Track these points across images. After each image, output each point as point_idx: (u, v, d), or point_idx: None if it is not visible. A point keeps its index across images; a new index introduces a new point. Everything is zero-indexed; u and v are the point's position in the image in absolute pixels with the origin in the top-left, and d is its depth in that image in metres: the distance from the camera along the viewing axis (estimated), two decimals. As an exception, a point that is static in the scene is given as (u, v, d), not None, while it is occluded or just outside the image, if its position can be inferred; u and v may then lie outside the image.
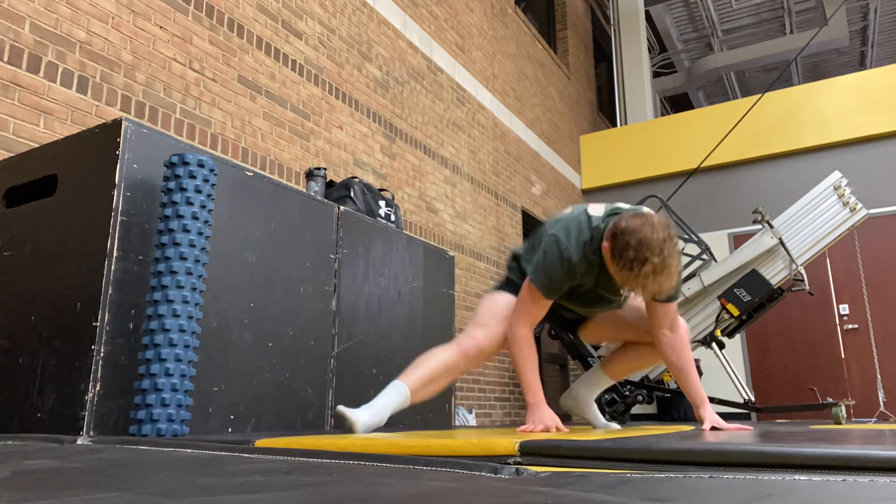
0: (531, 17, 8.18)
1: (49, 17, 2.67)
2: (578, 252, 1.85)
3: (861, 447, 0.91)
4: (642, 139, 8.08)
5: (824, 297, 6.90)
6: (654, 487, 0.67)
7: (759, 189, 7.36)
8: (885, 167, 6.84)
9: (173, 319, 1.65)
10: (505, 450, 1.12)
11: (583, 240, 1.85)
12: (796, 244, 4.66)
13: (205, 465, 0.89)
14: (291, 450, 1.03)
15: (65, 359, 1.69)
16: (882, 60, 11.56)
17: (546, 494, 0.62)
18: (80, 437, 1.35)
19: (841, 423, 3.49)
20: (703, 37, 11.17)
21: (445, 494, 0.63)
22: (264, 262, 2.14)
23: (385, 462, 0.91)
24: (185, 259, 1.70)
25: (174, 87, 3.15)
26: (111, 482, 0.72)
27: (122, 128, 1.78)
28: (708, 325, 4.68)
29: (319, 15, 4.19)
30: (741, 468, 0.90)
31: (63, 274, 1.78)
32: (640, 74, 9.15)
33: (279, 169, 3.68)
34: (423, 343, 2.86)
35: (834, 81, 7.29)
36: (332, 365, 2.37)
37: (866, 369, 6.55)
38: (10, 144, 2.46)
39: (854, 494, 0.61)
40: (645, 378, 4.75)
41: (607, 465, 1.00)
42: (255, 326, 2.07)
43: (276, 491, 0.65)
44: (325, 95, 4.12)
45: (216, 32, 3.43)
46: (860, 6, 10.21)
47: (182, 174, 1.75)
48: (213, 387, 1.91)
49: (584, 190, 8.35)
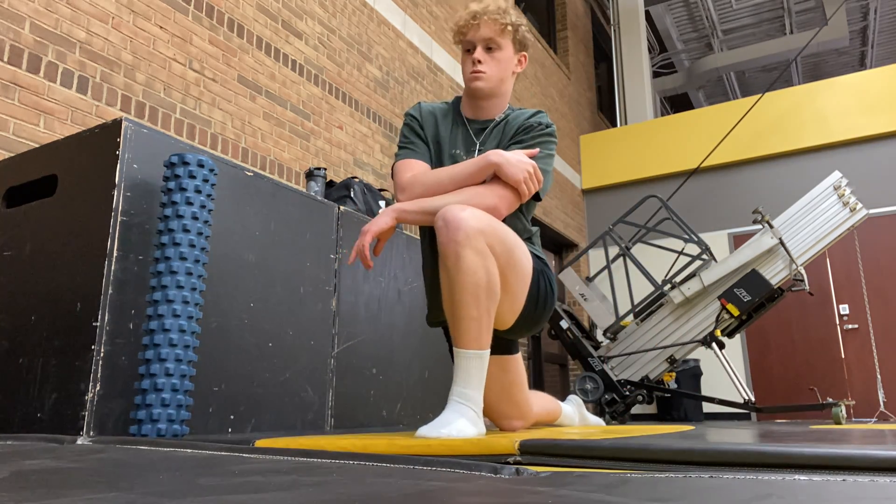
0: (531, 17, 8.18)
1: (49, 17, 2.67)
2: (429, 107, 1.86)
3: (861, 447, 0.91)
4: (642, 139, 8.08)
5: (824, 297, 6.90)
6: (654, 487, 0.67)
7: (759, 189, 7.36)
8: (885, 167, 6.84)
9: (173, 319, 1.65)
10: (505, 449, 1.12)
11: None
12: (796, 244, 4.66)
13: (205, 465, 0.89)
14: (291, 450, 1.03)
15: (65, 359, 1.69)
16: (882, 60, 11.56)
17: (546, 494, 0.62)
18: (80, 437, 1.35)
19: (841, 423, 3.49)
20: (703, 37, 11.17)
21: (445, 494, 0.63)
22: (264, 262, 2.14)
23: (385, 462, 0.91)
24: (185, 259, 1.70)
25: (174, 87, 3.15)
26: (111, 482, 0.72)
27: (122, 128, 1.78)
28: (708, 325, 4.68)
29: (319, 15, 4.19)
30: (741, 468, 0.90)
31: (63, 274, 1.78)
32: (640, 74, 9.15)
33: (279, 169, 3.68)
34: (423, 343, 2.86)
35: (834, 81, 7.29)
36: (332, 365, 2.37)
37: (866, 369, 6.55)
38: (10, 144, 2.46)
39: (854, 494, 0.61)
40: (645, 378, 4.75)
41: (607, 465, 1.00)
42: (255, 326, 2.07)
43: (276, 491, 0.65)
44: (325, 95, 4.12)
45: (216, 32, 3.43)
46: (860, 6, 10.21)
47: (182, 174, 1.75)
48: (213, 387, 1.91)
49: (585, 190, 8.35)
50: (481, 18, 1.72)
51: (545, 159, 1.71)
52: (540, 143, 1.71)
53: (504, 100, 1.80)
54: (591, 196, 8.37)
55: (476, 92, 1.76)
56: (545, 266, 1.79)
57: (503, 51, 1.74)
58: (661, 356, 4.76)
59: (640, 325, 4.87)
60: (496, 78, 1.74)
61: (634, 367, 4.81)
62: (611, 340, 4.94)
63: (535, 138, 1.71)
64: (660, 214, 7.37)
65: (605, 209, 8.22)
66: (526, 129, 1.73)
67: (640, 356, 4.81)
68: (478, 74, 1.73)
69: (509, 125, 1.76)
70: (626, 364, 4.85)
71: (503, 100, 1.80)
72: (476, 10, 1.73)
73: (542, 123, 1.74)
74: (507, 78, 1.77)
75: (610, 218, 8.05)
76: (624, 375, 4.81)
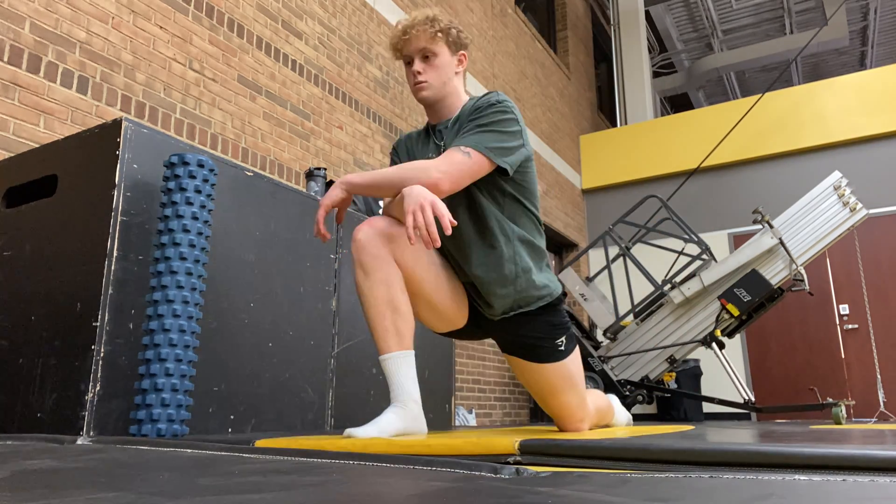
0: (531, 17, 8.18)
1: (49, 17, 2.67)
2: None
3: (861, 447, 0.91)
4: (642, 139, 8.08)
5: (824, 297, 6.90)
6: (654, 487, 0.67)
7: (759, 189, 7.36)
8: (885, 167, 6.84)
9: (173, 319, 1.65)
10: (505, 449, 1.12)
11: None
12: (796, 244, 4.67)
13: (205, 465, 0.89)
14: (291, 450, 1.03)
15: (65, 359, 1.69)
16: (882, 60, 11.56)
17: (546, 494, 0.62)
18: (80, 437, 1.35)
19: (841, 423, 3.49)
20: (703, 37, 11.17)
21: (445, 494, 0.63)
22: (264, 262, 2.14)
23: (385, 462, 0.91)
24: (185, 259, 1.70)
25: (174, 87, 3.15)
26: (111, 482, 0.72)
27: (122, 128, 1.78)
28: (708, 325, 4.68)
29: (319, 15, 4.19)
30: (741, 468, 0.90)
31: (63, 274, 1.78)
32: (640, 74, 9.15)
33: (279, 169, 3.68)
34: (423, 342, 2.86)
35: (834, 81, 7.29)
36: (332, 365, 2.37)
37: (866, 369, 6.55)
38: (10, 144, 2.46)
39: (854, 494, 0.61)
40: (645, 378, 4.75)
41: (607, 465, 1.00)
42: (255, 326, 2.07)
43: (276, 491, 0.65)
44: (325, 95, 4.12)
45: (216, 32, 3.43)
46: (860, 6, 10.21)
47: (182, 174, 1.75)
48: (213, 387, 1.91)
49: (585, 190, 8.35)
50: (411, 32, 1.80)
51: (495, 133, 1.71)
52: (490, 119, 1.72)
53: (456, 98, 1.86)
54: (591, 196, 8.37)
55: (424, 101, 1.85)
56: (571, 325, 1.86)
57: (440, 56, 1.82)
58: (661, 356, 4.76)
59: (640, 325, 4.87)
60: (438, 83, 1.82)
61: (634, 367, 4.82)
62: (611, 340, 4.94)
63: (484, 116, 1.73)
64: (660, 214, 7.37)
65: (605, 209, 8.22)
66: (475, 110, 1.77)
67: (640, 356, 4.81)
68: (420, 85, 1.81)
69: (463, 116, 1.81)
70: (626, 364, 4.85)
71: (455, 98, 1.86)
72: (405, 25, 1.82)
73: (490, 102, 1.76)
74: (449, 80, 1.84)
75: (610, 218, 8.05)
76: (624, 375, 4.81)
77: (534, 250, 1.83)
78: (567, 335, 1.87)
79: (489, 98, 1.77)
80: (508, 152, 1.71)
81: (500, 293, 1.80)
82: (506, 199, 1.79)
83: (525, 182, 1.80)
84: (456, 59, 1.86)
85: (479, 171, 1.66)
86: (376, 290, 1.65)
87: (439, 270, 1.81)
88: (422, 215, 1.48)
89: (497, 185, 1.77)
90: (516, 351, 1.88)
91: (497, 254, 1.77)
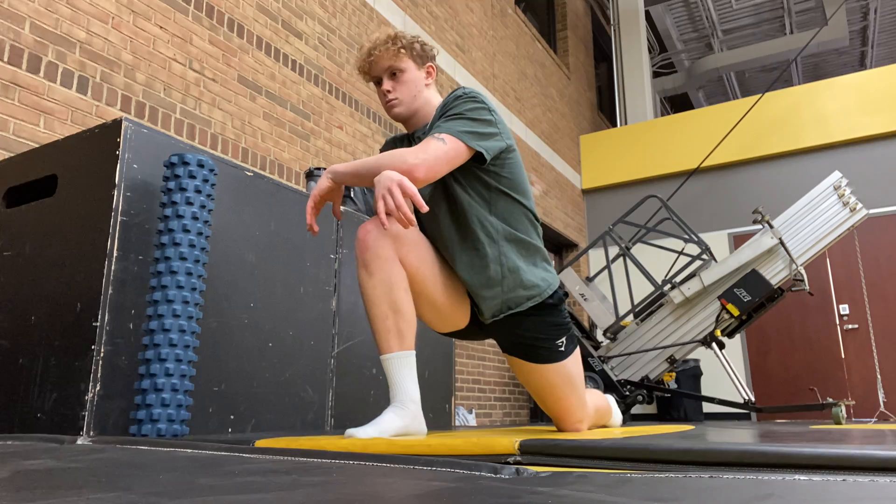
0: (531, 17, 8.18)
1: (49, 17, 2.67)
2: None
3: (861, 447, 0.91)
4: (642, 139, 8.08)
5: (824, 297, 6.90)
6: (654, 487, 0.67)
7: (759, 189, 7.36)
8: (885, 167, 6.84)
9: (173, 319, 1.65)
10: (505, 449, 1.12)
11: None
12: (796, 244, 4.67)
13: (205, 465, 0.89)
14: (291, 450, 1.03)
15: (65, 359, 1.69)
16: (882, 60, 11.56)
17: (546, 494, 0.62)
18: (80, 437, 1.35)
19: (841, 423, 3.49)
20: (703, 37, 11.17)
21: (445, 494, 0.63)
22: (264, 262, 2.14)
23: (385, 462, 0.91)
24: (185, 259, 1.70)
25: (174, 87, 3.15)
26: (111, 482, 0.72)
27: (122, 128, 1.78)
28: (708, 325, 4.68)
29: (319, 15, 4.19)
30: (741, 468, 0.90)
31: (63, 274, 1.78)
32: (640, 74, 9.15)
33: (279, 169, 3.68)
34: (423, 342, 2.86)
35: (834, 81, 7.29)
36: (332, 365, 2.37)
37: (866, 369, 6.55)
38: (10, 144, 2.46)
39: (854, 494, 0.61)
40: (645, 378, 4.75)
41: (607, 465, 1.00)
42: (255, 326, 2.07)
43: (276, 491, 0.65)
44: (325, 95, 4.12)
45: (216, 32, 3.43)
46: (860, 6, 10.21)
47: (182, 174, 1.75)
48: (213, 387, 1.91)
49: (585, 190, 8.35)
50: (375, 53, 1.83)
51: (465, 120, 1.69)
52: (459, 109, 1.72)
53: (429, 107, 1.88)
54: (591, 196, 8.37)
55: (398, 118, 1.88)
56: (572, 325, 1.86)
57: (407, 72, 1.85)
58: (661, 356, 4.76)
59: (640, 325, 4.87)
60: (409, 98, 1.85)
61: (634, 367, 4.81)
62: (611, 340, 4.94)
63: (453, 108, 1.74)
64: (660, 214, 7.38)
65: (605, 209, 8.22)
66: (444, 105, 1.78)
67: (640, 356, 4.81)
68: (392, 102, 1.85)
69: (436, 116, 1.82)
70: (626, 364, 4.85)
71: (428, 107, 1.88)
72: (369, 47, 1.85)
73: (457, 95, 1.76)
74: (419, 93, 1.87)
75: (610, 218, 8.05)
76: (624, 375, 4.81)
77: (525, 247, 1.81)
78: (568, 336, 1.87)
79: (455, 92, 1.77)
80: (482, 137, 1.69)
81: (486, 295, 1.79)
82: (492, 194, 1.77)
83: (511, 175, 1.78)
84: (423, 71, 1.88)
85: (455, 156, 1.64)
86: (379, 290, 1.64)
87: (443, 271, 1.81)
88: (391, 198, 1.47)
89: (481, 180, 1.76)
90: (516, 351, 1.88)
91: (480, 255, 1.76)
